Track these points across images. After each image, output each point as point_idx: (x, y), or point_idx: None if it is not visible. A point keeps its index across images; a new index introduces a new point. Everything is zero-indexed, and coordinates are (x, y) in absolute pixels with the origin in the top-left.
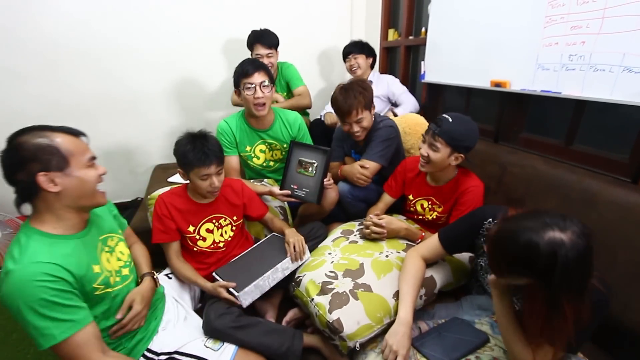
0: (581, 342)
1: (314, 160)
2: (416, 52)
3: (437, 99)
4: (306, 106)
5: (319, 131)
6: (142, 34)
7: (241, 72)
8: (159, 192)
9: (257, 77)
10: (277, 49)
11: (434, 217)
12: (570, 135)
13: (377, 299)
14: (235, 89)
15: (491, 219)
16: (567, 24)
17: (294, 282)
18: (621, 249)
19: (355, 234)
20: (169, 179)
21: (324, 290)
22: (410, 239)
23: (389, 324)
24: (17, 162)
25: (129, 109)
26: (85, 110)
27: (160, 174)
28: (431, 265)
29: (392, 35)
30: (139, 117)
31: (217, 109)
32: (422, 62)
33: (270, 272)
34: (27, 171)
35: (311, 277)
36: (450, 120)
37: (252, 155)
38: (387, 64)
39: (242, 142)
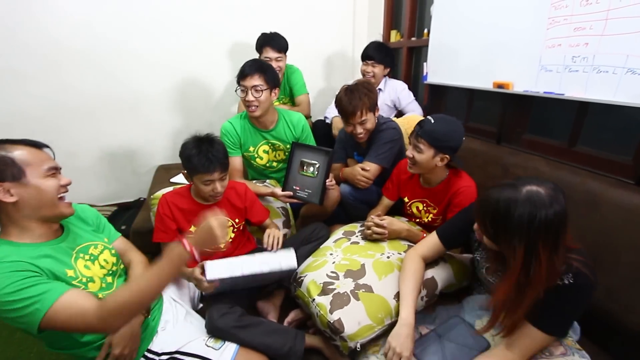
0: (566, 327)
1: (315, 161)
2: (419, 53)
3: (439, 101)
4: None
5: (322, 132)
6: (144, 35)
7: (239, 73)
8: (162, 192)
9: (250, 81)
10: (286, 53)
11: (430, 219)
12: (573, 136)
13: (378, 300)
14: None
15: None
16: (570, 26)
17: (295, 283)
18: (624, 250)
19: (356, 235)
20: (172, 179)
21: (325, 290)
22: (411, 240)
23: (390, 324)
24: None
25: (132, 110)
26: (88, 111)
27: (162, 175)
28: (432, 266)
29: (394, 36)
30: (141, 118)
31: (220, 110)
32: (425, 64)
33: (246, 257)
34: None
35: (312, 278)
36: (432, 121)
37: (256, 155)
38: None
39: (246, 143)
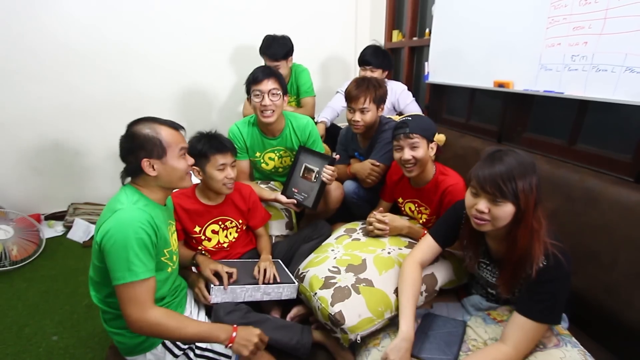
0: (553, 312)
1: (317, 167)
2: (420, 53)
3: (440, 100)
4: None
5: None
6: (150, 38)
7: (252, 79)
8: None
9: (266, 85)
10: (286, 58)
11: (424, 220)
12: (573, 135)
13: (378, 294)
14: (247, 97)
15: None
16: (570, 25)
17: (297, 278)
18: (623, 248)
19: (358, 232)
20: None
21: (326, 284)
22: (412, 237)
23: (389, 318)
24: (130, 147)
25: (138, 112)
26: (94, 112)
27: None
28: (432, 263)
29: (396, 36)
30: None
31: (225, 112)
32: (426, 63)
33: (251, 287)
34: (135, 155)
35: (314, 273)
36: (410, 119)
37: (262, 161)
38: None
39: (252, 148)
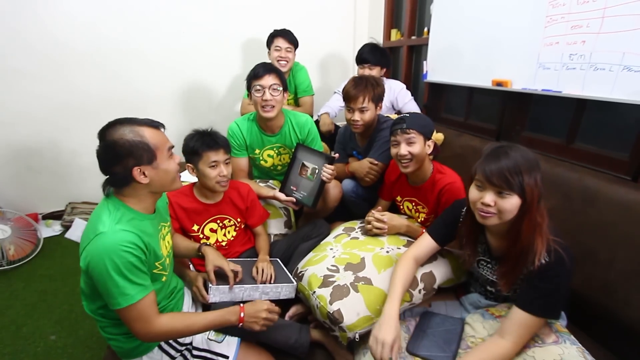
0: (553, 307)
1: (316, 165)
2: (419, 51)
3: (439, 99)
4: None
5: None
6: (148, 36)
7: (252, 74)
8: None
9: (268, 80)
10: (295, 48)
11: (422, 219)
12: (571, 134)
13: (377, 292)
14: (247, 94)
15: (466, 208)
16: (568, 24)
17: (296, 277)
18: (621, 246)
19: (356, 231)
20: None
21: (325, 283)
22: (411, 235)
23: None
24: (113, 157)
25: (136, 110)
26: (92, 111)
27: None
28: (431, 261)
29: (394, 35)
30: (145, 117)
31: (223, 110)
32: (425, 62)
33: (250, 287)
34: (122, 165)
35: (313, 271)
36: (408, 115)
37: (260, 158)
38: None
39: (252, 145)
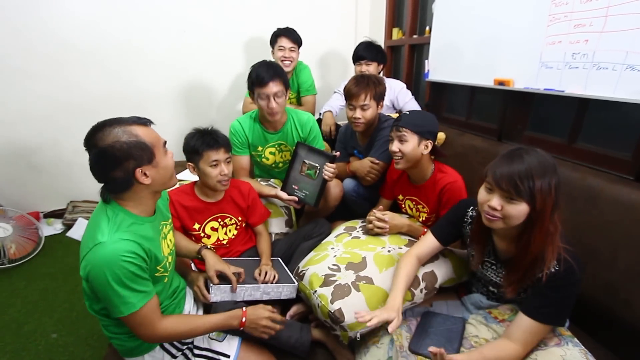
0: (560, 315)
1: (317, 163)
2: (420, 50)
3: (441, 98)
4: None
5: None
6: (149, 34)
7: (256, 79)
8: (166, 190)
9: (272, 88)
10: (299, 47)
11: (424, 219)
12: (573, 133)
13: (378, 291)
14: (249, 92)
15: (472, 207)
16: (571, 22)
17: (297, 276)
18: (623, 246)
19: (357, 230)
20: (177, 176)
21: (326, 282)
22: (412, 235)
23: None
24: (112, 162)
25: (136, 109)
26: (93, 109)
27: None
28: (432, 260)
29: (396, 34)
30: (146, 116)
31: (224, 109)
32: (426, 61)
33: (251, 286)
34: (123, 169)
35: (314, 271)
36: (407, 113)
37: (263, 155)
38: (391, 63)
39: (254, 143)
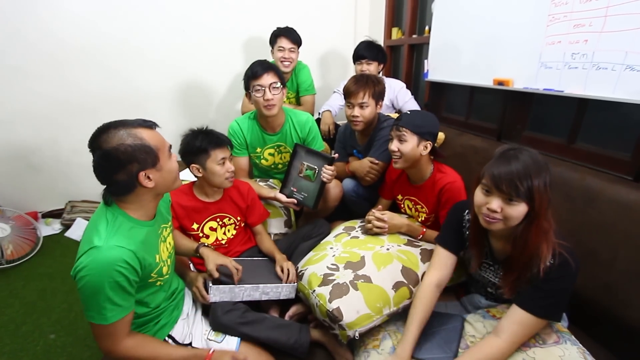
0: (555, 309)
1: (316, 165)
2: (420, 50)
3: (440, 98)
4: None
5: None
6: (148, 33)
7: (250, 74)
8: None
9: (267, 79)
10: (299, 47)
11: (423, 219)
12: (572, 133)
13: (376, 290)
14: (246, 93)
15: (467, 210)
16: (570, 23)
17: (296, 276)
18: (622, 246)
19: (356, 230)
20: None
21: (325, 281)
22: (411, 235)
23: (388, 314)
24: (116, 165)
25: (135, 108)
26: (92, 108)
27: None
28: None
29: (395, 34)
30: (145, 115)
31: (223, 108)
32: (426, 61)
33: (250, 286)
34: (126, 172)
35: (313, 270)
36: (408, 113)
37: (261, 157)
38: (390, 63)
39: (253, 144)
